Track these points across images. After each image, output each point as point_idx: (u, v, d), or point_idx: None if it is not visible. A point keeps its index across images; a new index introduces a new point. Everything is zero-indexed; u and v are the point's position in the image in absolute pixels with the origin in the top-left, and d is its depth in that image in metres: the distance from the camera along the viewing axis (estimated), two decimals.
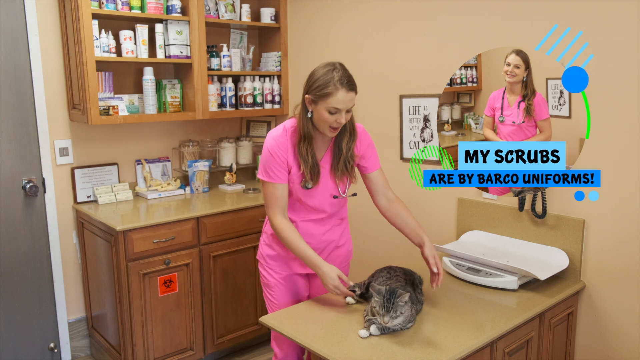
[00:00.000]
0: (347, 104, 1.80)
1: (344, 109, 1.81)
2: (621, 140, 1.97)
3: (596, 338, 2.13)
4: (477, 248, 2.29)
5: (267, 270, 2.09)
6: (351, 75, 1.84)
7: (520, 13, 2.20)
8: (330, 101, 1.79)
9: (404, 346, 1.59)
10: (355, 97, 1.84)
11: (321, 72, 1.82)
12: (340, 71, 1.81)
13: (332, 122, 1.83)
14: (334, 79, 1.78)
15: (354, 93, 1.83)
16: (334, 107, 1.79)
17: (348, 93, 1.79)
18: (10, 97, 2.70)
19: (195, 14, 2.97)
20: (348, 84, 1.80)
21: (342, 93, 1.78)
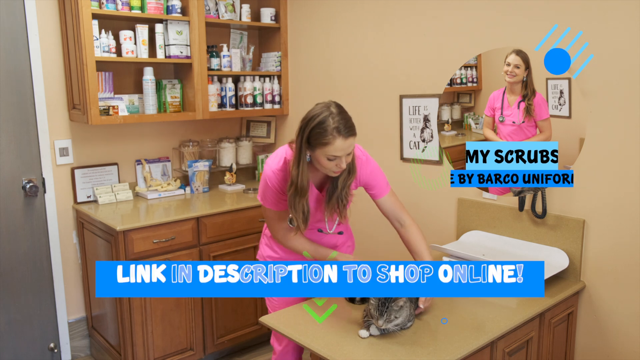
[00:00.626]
0: (347, 150, 1.72)
1: (344, 155, 1.73)
2: (621, 140, 1.97)
3: (596, 338, 2.13)
4: (477, 248, 2.29)
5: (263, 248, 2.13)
6: (349, 118, 1.74)
7: (521, 13, 2.20)
8: (329, 150, 1.70)
9: (404, 346, 1.59)
10: (354, 141, 1.75)
11: (317, 119, 1.70)
12: (336, 116, 1.70)
13: (332, 168, 1.76)
14: (330, 127, 1.68)
15: (353, 138, 1.73)
16: (333, 155, 1.71)
17: (346, 140, 1.70)
18: (10, 97, 2.70)
19: (195, 14, 2.97)
20: (346, 130, 1.70)
21: (339, 141, 1.69)
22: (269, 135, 3.61)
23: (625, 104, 1.94)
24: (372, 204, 2.10)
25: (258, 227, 2.98)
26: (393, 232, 2.11)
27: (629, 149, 1.95)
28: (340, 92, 3.09)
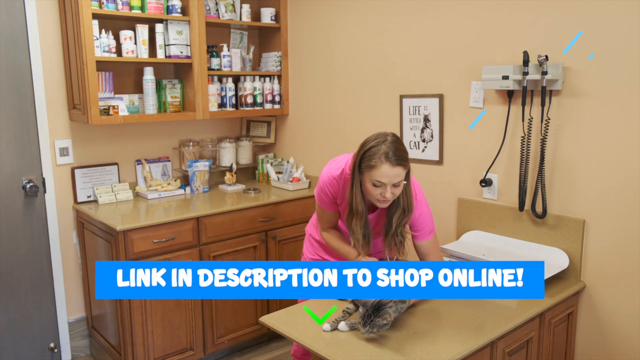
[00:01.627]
0: (392, 179, 1.71)
1: (389, 184, 1.72)
2: (621, 140, 1.97)
3: (596, 338, 2.13)
4: (477, 248, 2.29)
5: (307, 247, 2.24)
6: (401, 149, 1.74)
7: (521, 13, 2.20)
8: (374, 174, 1.72)
9: (404, 346, 1.59)
10: (403, 172, 1.73)
11: (370, 143, 1.74)
12: (389, 144, 1.72)
13: (377, 195, 1.76)
14: (380, 151, 1.71)
15: (402, 168, 1.72)
16: (378, 180, 1.72)
17: (393, 168, 1.70)
18: (11, 97, 2.70)
19: (196, 14, 2.97)
20: (395, 158, 1.70)
21: (386, 167, 1.70)
22: (269, 135, 3.61)
23: (625, 104, 1.94)
24: None
25: (258, 227, 2.98)
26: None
27: (629, 149, 1.95)
28: (341, 92, 3.09)
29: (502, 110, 2.31)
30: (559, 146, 2.14)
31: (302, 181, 3.25)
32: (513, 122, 2.27)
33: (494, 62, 2.31)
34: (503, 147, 2.31)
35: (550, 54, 2.10)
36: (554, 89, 2.11)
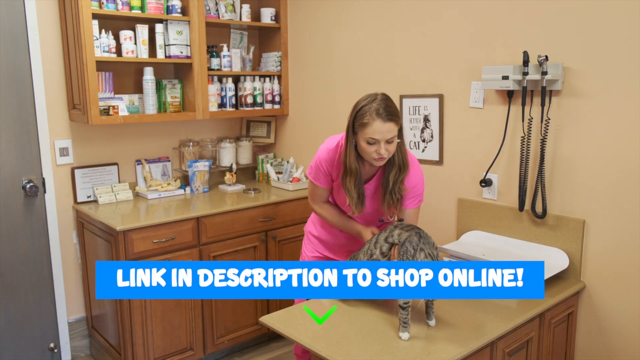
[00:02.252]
0: (385, 135, 1.78)
1: (382, 140, 1.78)
2: (621, 140, 1.97)
3: (596, 338, 2.13)
4: (477, 248, 2.29)
5: (306, 245, 2.26)
6: (391, 106, 1.81)
7: (520, 13, 2.20)
8: (367, 131, 1.78)
9: (404, 346, 1.59)
10: (395, 128, 1.80)
11: (362, 102, 1.83)
12: (379, 102, 1.79)
13: (372, 153, 1.82)
14: (371, 109, 1.78)
15: (393, 124, 1.79)
16: (371, 137, 1.78)
17: (384, 123, 1.77)
18: (10, 97, 2.70)
19: (196, 14, 2.97)
20: (385, 114, 1.77)
21: (378, 123, 1.77)
22: (269, 135, 3.61)
23: (625, 104, 1.94)
24: None
25: (258, 227, 2.98)
26: None
27: (629, 149, 1.95)
28: (340, 92, 3.09)
29: (502, 110, 2.31)
30: (559, 146, 2.14)
31: (302, 181, 3.25)
32: (513, 122, 2.27)
33: (494, 62, 2.31)
34: (503, 147, 2.31)
35: (550, 54, 2.10)
36: (554, 89, 2.11)
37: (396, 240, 1.74)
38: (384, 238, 1.78)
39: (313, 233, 2.26)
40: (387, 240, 1.77)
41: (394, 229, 1.77)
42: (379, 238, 1.80)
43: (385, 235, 1.78)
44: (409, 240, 1.67)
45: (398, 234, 1.74)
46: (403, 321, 1.63)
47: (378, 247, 1.79)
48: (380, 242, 1.79)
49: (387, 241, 1.77)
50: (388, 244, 1.77)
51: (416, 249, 1.64)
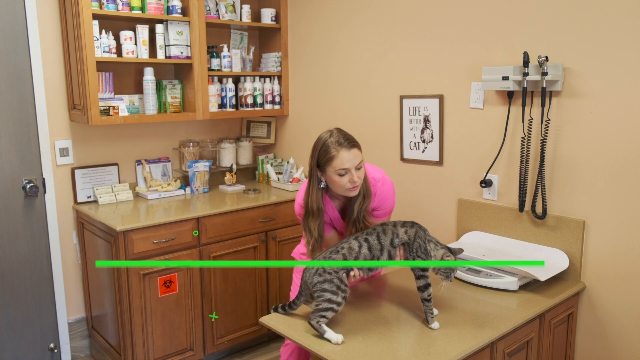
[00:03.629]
0: (353, 162, 1.82)
1: (352, 167, 1.82)
2: (621, 140, 1.97)
3: (596, 339, 2.13)
4: (477, 249, 2.29)
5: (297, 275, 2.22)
6: (348, 134, 1.87)
7: (520, 14, 2.20)
8: (336, 163, 1.82)
9: (404, 346, 1.59)
10: (359, 153, 1.85)
11: (321, 142, 1.86)
12: (336, 134, 1.85)
13: (345, 184, 1.84)
14: (332, 142, 1.83)
15: (357, 150, 1.84)
16: (341, 167, 1.81)
17: (349, 150, 1.82)
18: (11, 98, 2.70)
19: (196, 14, 2.98)
20: (347, 142, 1.82)
21: (344, 152, 1.81)
22: (269, 136, 3.61)
23: (625, 104, 1.94)
24: None
25: (258, 227, 2.98)
26: None
27: (629, 149, 1.95)
28: (340, 92, 3.09)
29: (502, 111, 2.31)
30: (559, 147, 2.14)
31: (302, 181, 3.25)
32: (513, 123, 2.27)
33: (494, 62, 2.31)
34: (503, 147, 2.31)
35: (551, 55, 2.10)
36: (554, 89, 2.11)
37: (404, 239, 1.74)
38: (389, 242, 1.75)
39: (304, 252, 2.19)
40: (394, 243, 1.75)
41: (394, 228, 1.77)
42: (383, 242, 1.75)
43: (389, 238, 1.76)
44: (418, 235, 1.74)
45: (404, 231, 1.75)
46: (430, 312, 1.71)
47: (385, 253, 1.74)
48: (386, 247, 1.74)
49: (393, 245, 1.75)
50: (394, 247, 1.76)
51: (426, 242, 1.73)
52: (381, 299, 1.94)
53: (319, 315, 1.65)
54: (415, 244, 1.73)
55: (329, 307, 1.65)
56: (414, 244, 1.73)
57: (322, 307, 1.66)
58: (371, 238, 1.76)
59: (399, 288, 2.05)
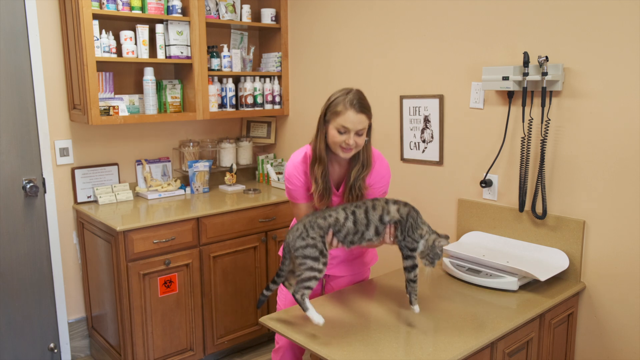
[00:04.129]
0: (356, 125, 1.83)
1: (353, 130, 1.83)
2: (621, 141, 1.97)
3: (596, 339, 2.13)
4: (477, 249, 2.29)
5: None
6: (365, 100, 1.87)
7: (520, 14, 2.20)
8: (339, 120, 1.83)
9: (404, 346, 1.59)
10: (366, 120, 1.85)
11: (336, 94, 1.88)
12: (353, 94, 1.85)
13: (341, 142, 1.85)
14: (345, 100, 1.84)
15: (365, 116, 1.84)
16: (343, 125, 1.83)
17: (357, 114, 1.82)
18: (11, 97, 2.70)
19: (196, 14, 2.98)
20: (359, 105, 1.83)
21: (351, 113, 1.82)
22: (269, 136, 3.61)
23: (625, 104, 1.94)
24: None
25: (258, 227, 2.98)
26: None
27: (629, 150, 1.95)
28: None
29: (502, 111, 2.31)
30: (559, 147, 2.14)
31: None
32: (513, 123, 2.27)
33: (494, 62, 2.31)
34: (503, 147, 2.31)
35: (551, 55, 2.10)
36: (554, 89, 2.11)
37: (396, 218, 1.74)
38: (377, 218, 1.75)
39: None
40: (383, 220, 1.75)
41: (385, 205, 1.76)
42: (371, 218, 1.75)
43: (378, 214, 1.76)
44: (411, 215, 1.74)
45: (396, 209, 1.75)
46: (415, 293, 1.73)
47: (372, 228, 1.76)
48: (374, 222, 1.75)
49: (382, 221, 1.75)
50: (383, 224, 1.76)
51: (418, 224, 1.75)
52: (381, 300, 1.94)
53: (303, 287, 1.66)
54: (407, 223, 1.74)
55: (311, 276, 1.67)
56: (407, 222, 1.73)
57: (305, 276, 1.67)
58: (359, 212, 1.75)
59: (399, 289, 2.05)
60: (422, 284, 2.08)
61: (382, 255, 2.91)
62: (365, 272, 2.23)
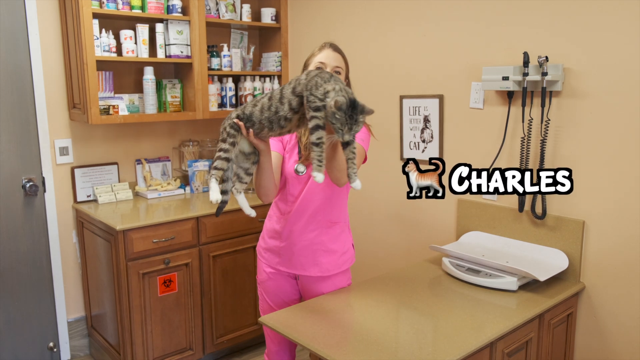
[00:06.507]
0: (331, 61, 1.92)
1: (329, 65, 1.91)
2: (621, 141, 1.97)
3: (596, 339, 2.14)
4: (476, 249, 2.29)
5: (260, 263, 2.15)
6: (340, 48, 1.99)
7: (520, 15, 2.20)
8: (318, 57, 1.93)
9: (403, 346, 1.59)
10: (342, 61, 1.95)
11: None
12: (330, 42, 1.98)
13: None
14: (322, 44, 1.98)
15: (340, 55, 1.95)
16: (319, 61, 1.91)
17: (333, 52, 1.94)
18: (11, 96, 2.70)
19: (196, 13, 2.97)
20: (335, 47, 1.96)
21: (326, 51, 1.94)
22: None
23: (625, 105, 1.94)
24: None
25: (258, 227, 2.98)
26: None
27: (629, 150, 1.95)
28: None
29: (502, 111, 2.31)
30: (558, 147, 2.14)
31: None
32: (513, 123, 2.27)
33: (494, 62, 2.31)
34: (503, 147, 2.31)
35: (551, 55, 2.10)
36: (554, 90, 2.11)
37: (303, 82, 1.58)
38: (290, 90, 1.61)
39: (263, 245, 2.13)
40: (296, 91, 1.60)
41: (298, 77, 1.63)
42: (284, 92, 1.63)
43: (290, 87, 1.62)
44: (319, 75, 1.58)
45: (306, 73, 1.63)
46: (318, 159, 1.53)
47: (286, 103, 1.62)
48: (287, 96, 1.61)
49: (295, 93, 1.60)
50: (298, 97, 1.60)
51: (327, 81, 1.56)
52: (380, 300, 1.94)
53: (213, 167, 1.68)
54: (311, 83, 1.57)
55: (217, 156, 1.68)
56: (310, 82, 1.57)
57: (215, 156, 1.69)
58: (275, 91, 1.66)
59: (398, 289, 2.05)
60: (417, 278, 2.08)
61: (382, 255, 2.92)
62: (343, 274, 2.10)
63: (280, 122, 1.65)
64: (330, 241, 2.04)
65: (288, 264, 2.05)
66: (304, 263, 2.03)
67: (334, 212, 2.04)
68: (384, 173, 2.82)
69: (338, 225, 2.06)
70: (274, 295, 2.11)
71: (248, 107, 1.70)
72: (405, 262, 2.72)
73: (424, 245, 2.66)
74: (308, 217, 2.01)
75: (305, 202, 1.99)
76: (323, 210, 2.02)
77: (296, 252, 2.03)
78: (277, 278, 2.09)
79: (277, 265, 2.08)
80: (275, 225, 2.07)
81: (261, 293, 2.15)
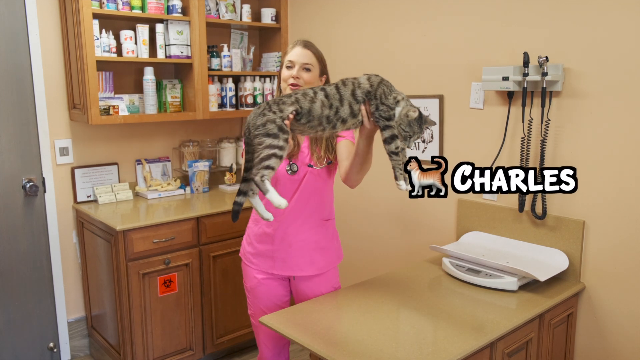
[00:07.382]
0: (300, 58, 1.93)
1: (297, 62, 1.93)
2: (621, 141, 1.97)
3: (596, 339, 2.13)
4: (477, 249, 2.29)
5: (249, 270, 2.09)
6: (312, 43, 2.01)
7: (520, 15, 2.20)
8: (287, 56, 1.96)
9: (404, 346, 1.59)
10: (312, 57, 1.96)
11: None
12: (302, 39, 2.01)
13: (288, 79, 1.93)
14: (294, 41, 2.00)
15: (310, 52, 1.96)
16: (289, 60, 1.94)
17: (302, 49, 1.95)
18: (11, 97, 2.70)
19: (196, 14, 2.98)
20: (305, 43, 1.97)
21: (296, 48, 1.96)
22: None
23: (625, 105, 1.94)
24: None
25: None
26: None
27: (629, 150, 1.95)
28: None
29: (502, 111, 2.31)
30: (559, 147, 2.14)
31: None
32: (513, 123, 2.27)
33: (494, 63, 2.31)
34: (503, 148, 2.31)
35: (551, 55, 2.10)
36: (554, 90, 2.11)
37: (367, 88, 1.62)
38: (350, 93, 1.62)
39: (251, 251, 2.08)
40: (356, 95, 1.62)
41: (355, 79, 1.65)
42: (343, 93, 1.62)
43: (349, 89, 1.63)
44: (383, 82, 1.65)
45: (366, 79, 1.65)
46: (399, 169, 1.59)
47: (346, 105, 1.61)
48: (347, 98, 1.62)
49: (355, 97, 1.62)
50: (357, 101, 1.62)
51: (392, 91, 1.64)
52: (380, 300, 1.94)
53: (263, 167, 1.50)
54: (379, 90, 1.61)
55: (270, 153, 1.50)
56: (378, 89, 1.61)
57: (264, 155, 1.50)
58: (329, 88, 1.64)
59: (399, 289, 2.05)
60: (417, 279, 2.08)
61: (382, 255, 2.92)
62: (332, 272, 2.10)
63: (335, 122, 1.63)
64: (324, 239, 2.06)
65: (283, 267, 2.03)
66: (300, 263, 2.03)
67: (326, 209, 2.06)
68: (384, 173, 2.82)
69: (330, 222, 2.09)
70: (266, 299, 2.08)
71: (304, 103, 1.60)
72: (405, 262, 2.72)
73: (424, 245, 2.66)
74: (305, 217, 2.00)
75: (300, 202, 1.98)
76: (318, 209, 2.02)
77: (292, 253, 2.02)
78: (269, 282, 2.07)
79: (270, 269, 2.05)
80: (265, 228, 2.03)
81: (251, 299, 2.12)
